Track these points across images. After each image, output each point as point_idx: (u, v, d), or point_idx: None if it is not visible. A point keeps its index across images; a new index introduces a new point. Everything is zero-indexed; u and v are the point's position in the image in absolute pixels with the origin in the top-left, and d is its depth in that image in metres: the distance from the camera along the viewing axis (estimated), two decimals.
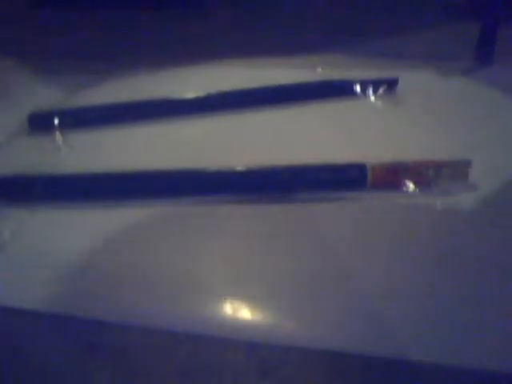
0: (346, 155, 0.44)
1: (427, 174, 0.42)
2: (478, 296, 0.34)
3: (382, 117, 0.55)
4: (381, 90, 0.58)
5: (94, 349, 0.31)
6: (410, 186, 0.42)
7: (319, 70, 0.63)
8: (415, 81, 0.60)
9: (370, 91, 0.57)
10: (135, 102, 0.55)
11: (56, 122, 0.52)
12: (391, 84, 0.58)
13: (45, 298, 0.34)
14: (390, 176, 0.43)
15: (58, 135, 0.51)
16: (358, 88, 0.58)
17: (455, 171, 0.43)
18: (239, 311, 0.33)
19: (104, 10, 0.85)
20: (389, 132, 0.51)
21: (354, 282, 0.35)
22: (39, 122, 0.53)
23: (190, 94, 0.56)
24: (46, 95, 0.58)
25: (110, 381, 0.29)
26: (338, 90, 0.58)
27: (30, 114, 0.52)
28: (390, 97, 0.57)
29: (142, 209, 0.41)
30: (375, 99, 0.57)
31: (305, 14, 0.85)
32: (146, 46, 0.73)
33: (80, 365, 0.30)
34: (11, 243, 0.38)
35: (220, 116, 0.54)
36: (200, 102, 0.56)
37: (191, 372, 0.30)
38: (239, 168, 0.44)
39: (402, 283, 0.35)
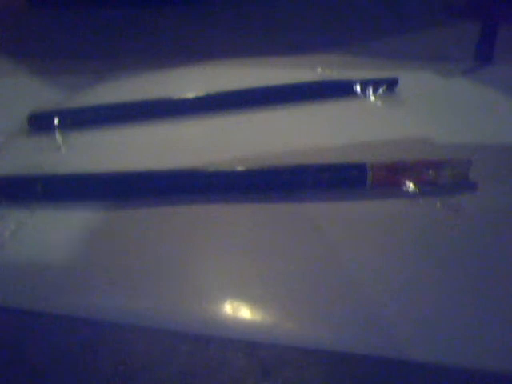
0: (346, 155, 0.44)
1: (427, 173, 0.42)
2: (479, 296, 0.34)
3: (381, 117, 0.55)
4: (381, 90, 0.58)
5: (93, 349, 0.31)
6: (410, 185, 0.42)
7: (319, 70, 0.63)
8: (415, 81, 0.60)
9: (370, 91, 0.58)
10: (135, 102, 0.55)
11: (56, 121, 0.52)
12: (391, 84, 0.58)
13: (45, 298, 0.34)
14: (390, 176, 0.43)
15: (57, 135, 0.51)
16: (358, 88, 0.58)
17: (455, 171, 0.43)
18: (239, 311, 0.33)
19: (104, 9, 0.85)
20: (389, 132, 0.51)
21: (353, 281, 0.35)
22: (39, 122, 0.53)
23: (190, 94, 0.56)
24: (46, 95, 0.58)
25: (109, 381, 0.29)
26: (338, 89, 0.59)
27: (29, 113, 0.53)
28: (389, 97, 0.57)
29: (142, 209, 0.41)
30: (375, 99, 0.57)
31: (305, 14, 0.85)
32: (145, 45, 0.73)
33: (79, 365, 0.30)
34: (11, 243, 0.38)
35: (220, 116, 0.54)
36: (200, 102, 0.56)
37: (191, 372, 0.30)
38: (239, 168, 0.44)
39: (401, 283, 0.35)
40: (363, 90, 0.58)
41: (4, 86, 0.62)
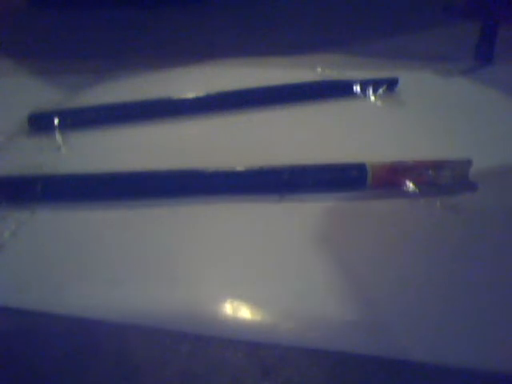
0: (346, 155, 0.44)
1: (427, 174, 0.42)
2: (479, 296, 0.34)
3: (382, 117, 0.55)
4: (381, 90, 0.58)
5: (93, 349, 0.31)
6: (410, 185, 0.42)
7: (319, 70, 0.63)
8: (415, 81, 0.60)
9: (370, 91, 0.58)
10: (135, 102, 0.55)
11: (56, 122, 0.52)
12: (391, 84, 0.58)
13: (44, 298, 0.34)
14: (390, 176, 0.43)
15: (58, 135, 0.51)
16: (357, 88, 0.58)
17: (455, 171, 0.43)
18: (239, 311, 0.33)
19: (104, 9, 0.85)
20: (389, 132, 0.51)
21: (353, 282, 0.35)
22: (39, 122, 0.53)
23: (190, 94, 0.56)
24: (46, 95, 0.58)
25: (109, 381, 0.29)
26: (338, 89, 0.59)
27: (30, 113, 0.53)
28: (390, 97, 0.57)
29: (142, 209, 0.41)
30: (375, 99, 0.57)
31: (305, 14, 0.85)
32: (145, 45, 0.73)
33: (80, 365, 0.30)
34: (11, 243, 0.38)
35: (220, 116, 0.54)
36: (200, 102, 0.56)
37: (191, 372, 0.30)
38: (239, 168, 0.44)
39: (402, 283, 0.35)
40: (363, 90, 0.58)
41: (4, 86, 0.62)
